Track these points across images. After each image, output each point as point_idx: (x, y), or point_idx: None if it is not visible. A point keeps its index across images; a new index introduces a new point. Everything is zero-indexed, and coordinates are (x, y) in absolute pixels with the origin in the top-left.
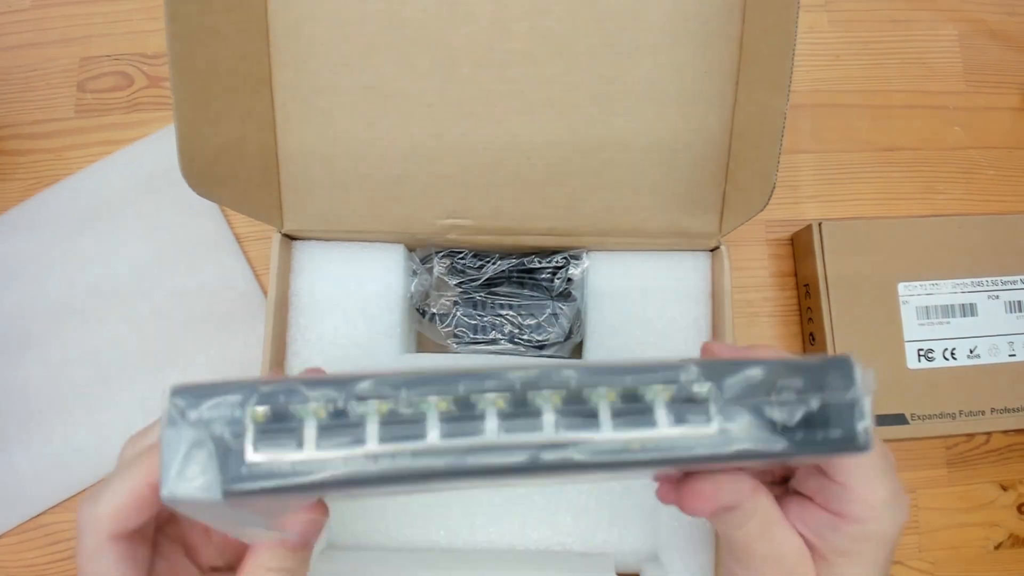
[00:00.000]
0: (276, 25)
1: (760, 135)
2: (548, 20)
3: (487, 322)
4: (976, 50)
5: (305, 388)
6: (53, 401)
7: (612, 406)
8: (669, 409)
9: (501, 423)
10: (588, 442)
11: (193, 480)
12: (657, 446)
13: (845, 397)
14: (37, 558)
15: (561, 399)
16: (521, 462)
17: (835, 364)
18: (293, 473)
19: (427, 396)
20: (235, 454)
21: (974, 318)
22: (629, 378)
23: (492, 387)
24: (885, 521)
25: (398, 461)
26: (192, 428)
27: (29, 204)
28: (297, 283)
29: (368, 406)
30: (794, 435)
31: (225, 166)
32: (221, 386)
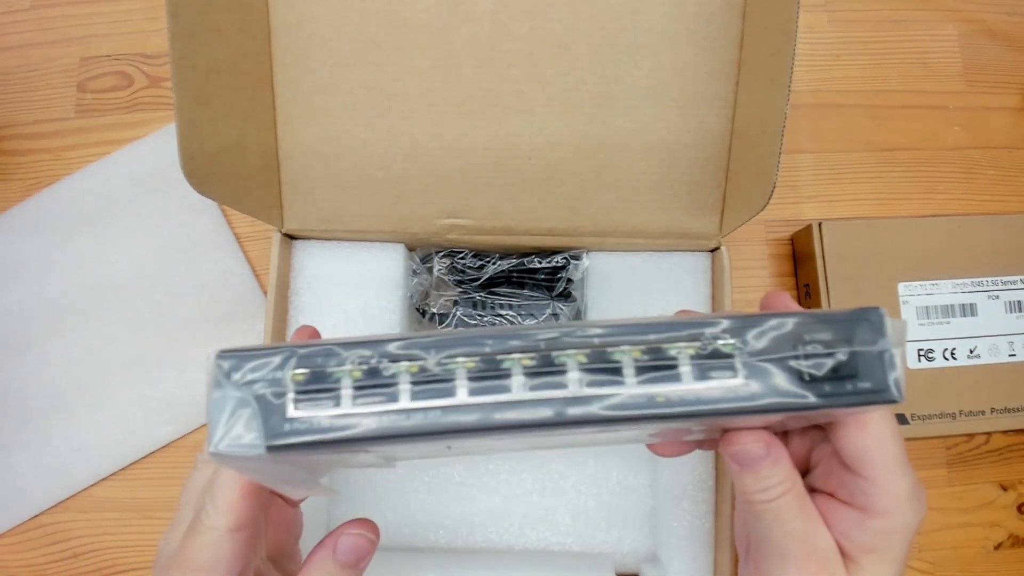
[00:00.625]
0: (277, 24)
1: (760, 135)
2: (549, 20)
3: (487, 322)
4: (976, 50)
5: (341, 349)
6: (53, 400)
7: (636, 362)
8: (694, 364)
9: (527, 380)
10: (613, 396)
11: (239, 437)
12: (683, 399)
13: (874, 347)
14: (37, 558)
15: (586, 356)
16: (547, 417)
17: (864, 315)
18: (332, 428)
19: (456, 356)
20: (277, 412)
21: (974, 318)
22: (653, 335)
23: (517, 347)
24: (908, 514)
25: (429, 417)
26: (236, 389)
27: (29, 204)
28: (297, 282)
29: (400, 366)
30: (822, 387)
31: (226, 165)
32: (263, 350)
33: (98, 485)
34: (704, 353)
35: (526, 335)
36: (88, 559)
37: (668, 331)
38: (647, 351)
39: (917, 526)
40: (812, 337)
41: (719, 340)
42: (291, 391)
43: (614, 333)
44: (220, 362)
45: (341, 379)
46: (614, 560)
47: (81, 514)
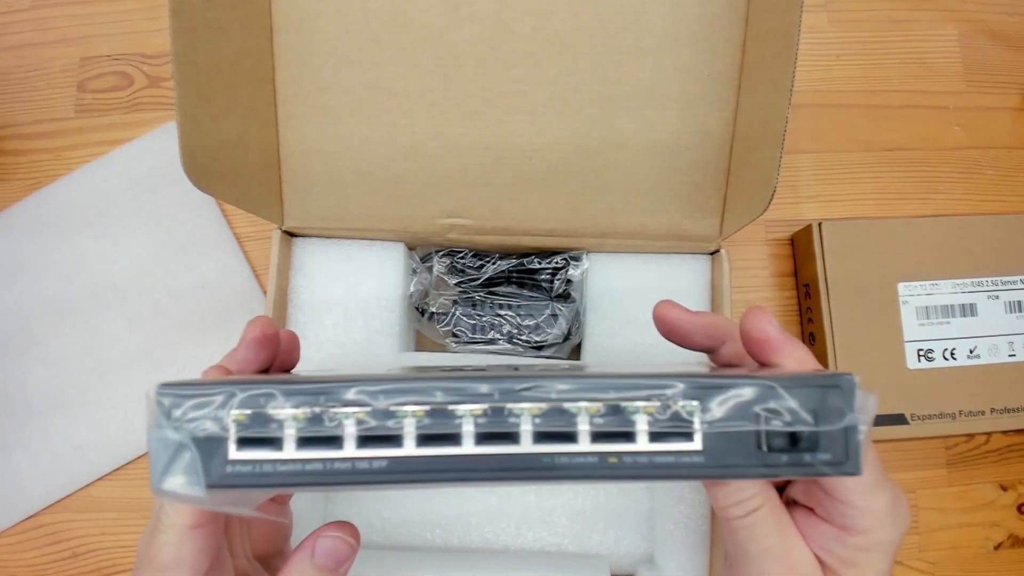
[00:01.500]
0: (279, 22)
1: (761, 138)
2: (551, 21)
3: (486, 322)
4: (976, 50)
5: (282, 394)
6: (52, 399)
7: (592, 419)
8: (651, 424)
9: (477, 433)
10: (564, 455)
11: (179, 476)
12: (635, 463)
13: (840, 423)
14: (37, 558)
15: (540, 411)
16: (494, 474)
17: (835, 382)
18: (274, 473)
19: (404, 404)
20: (218, 454)
21: (974, 318)
22: (612, 392)
23: (470, 397)
24: (889, 528)
25: (374, 465)
26: (177, 428)
27: (28, 203)
28: (296, 280)
29: (347, 411)
30: (780, 457)
31: (226, 162)
32: (205, 386)
33: (98, 485)
34: (662, 417)
35: (479, 386)
36: (88, 559)
37: (629, 389)
38: (605, 409)
39: (900, 538)
40: (777, 406)
41: (680, 403)
42: (232, 433)
43: (574, 388)
44: (161, 399)
45: (284, 422)
46: (610, 561)
47: (81, 514)
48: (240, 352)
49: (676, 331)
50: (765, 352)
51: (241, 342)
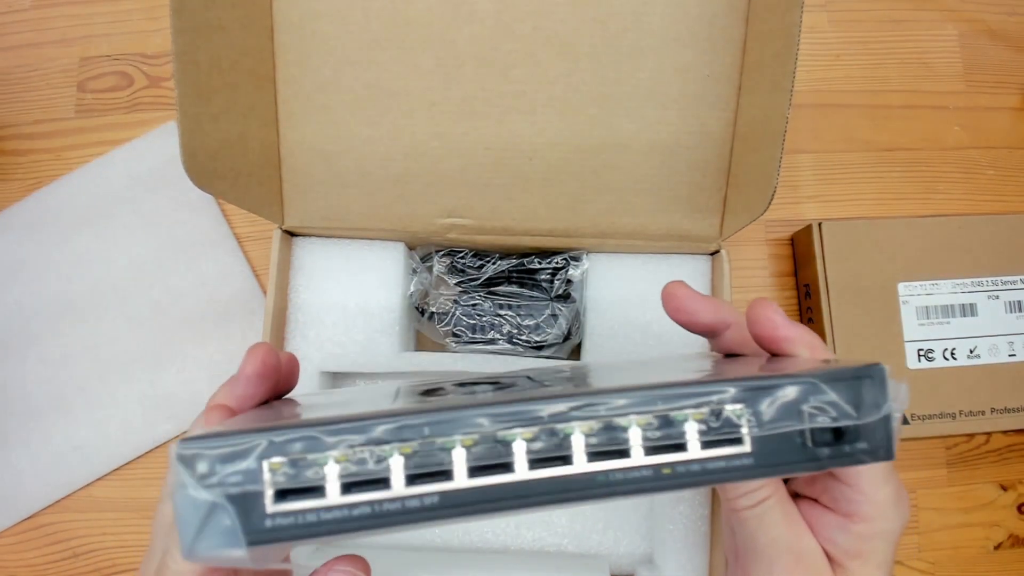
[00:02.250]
0: (280, 21)
1: (762, 139)
2: (552, 21)
3: (486, 322)
4: (976, 50)
5: (323, 435)
6: (52, 398)
7: (644, 431)
8: (702, 433)
9: (529, 457)
10: (620, 470)
11: (214, 539)
12: (688, 471)
13: (878, 413)
14: (37, 558)
15: (592, 430)
16: (551, 497)
17: (867, 372)
18: (318, 522)
19: (452, 434)
20: (256, 509)
21: (974, 318)
22: (661, 404)
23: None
24: (892, 519)
25: (426, 502)
26: (206, 489)
27: (27, 202)
28: (297, 279)
29: (391, 448)
30: (823, 451)
31: (227, 161)
32: (231, 436)
33: (98, 485)
34: (713, 423)
35: (527, 409)
36: (88, 559)
37: (677, 399)
38: (656, 421)
39: (902, 530)
40: (819, 402)
41: (728, 408)
42: (269, 485)
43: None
44: (183, 455)
45: (325, 465)
46: (610, 562)
47: (81, 514)
48: (240, 387)
49: (683, 310)
50: (775, 342)
51: (240, 376)
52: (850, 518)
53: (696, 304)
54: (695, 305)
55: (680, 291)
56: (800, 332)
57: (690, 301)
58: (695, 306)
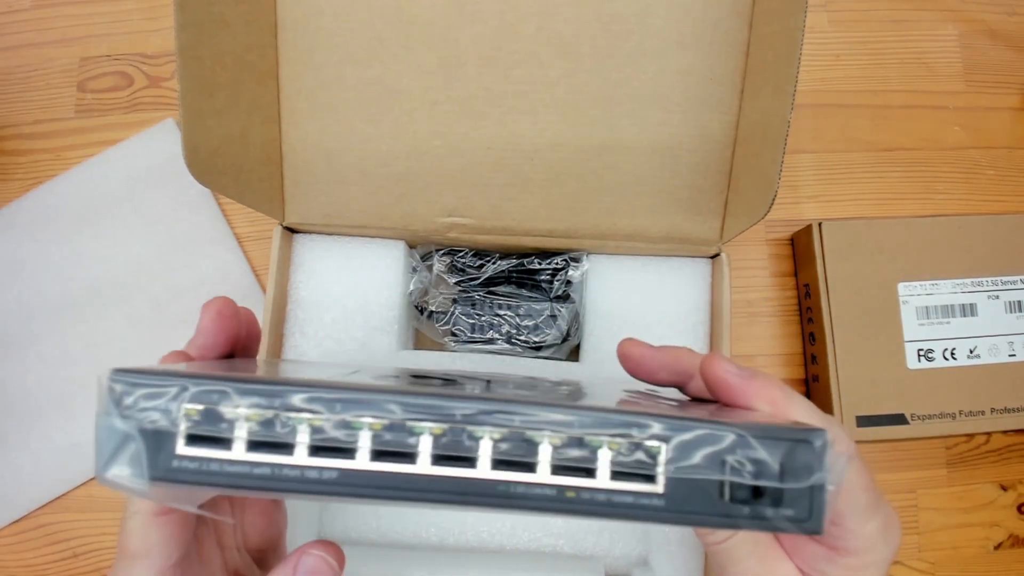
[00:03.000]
0: (284, 18)
1: (763, 142)
2: (555, 22)
3: (485, 321)
4: (976, 50)
5: (237, 392)
6: (52, 396)
7: (554, 449)
8: (613, 462)
9: (434, 452)
10: (522, 483)
11: (123, 466)
12: (592, 499)
13: (806, 481)
14: (37, 558)
15: (501, 436)
16: (446, 497)
17: (807, 437)
18: (221, 473)
19: (361, 415)
20: (166, 447)
21: (974, 318)
22: (577, 427)
23: (431, 415)
24: (881, 549)
25: (324, 475)
26: (125, 417)
27: (26, 201)
28: (296, 277)
29: (300, 417)
30: (742, 508)
31: (228, 157)
32: (157, 375)
33: (98, 485)
34: (626, 455)
35: (443, 405)
36: (88, 559)
37: (596, 426)
38: (567, 440)
39: (893, 556)
40: (744, 457)
41: (645, 443)
42: (182, 428)
43: (539, 416)
44: (112, 385)
45: (235, 422)
46: (605, 563)
47: (81, 514)
48: (198, 338)
49: (641, 368)
50: (732, 398)
51: (198, 328)
52: (836, 551)
53: (653, 363)
54: (651, 364)
55: (634, 351)
56: (758, 387)
57: (647, 361)
58: (651, 365)
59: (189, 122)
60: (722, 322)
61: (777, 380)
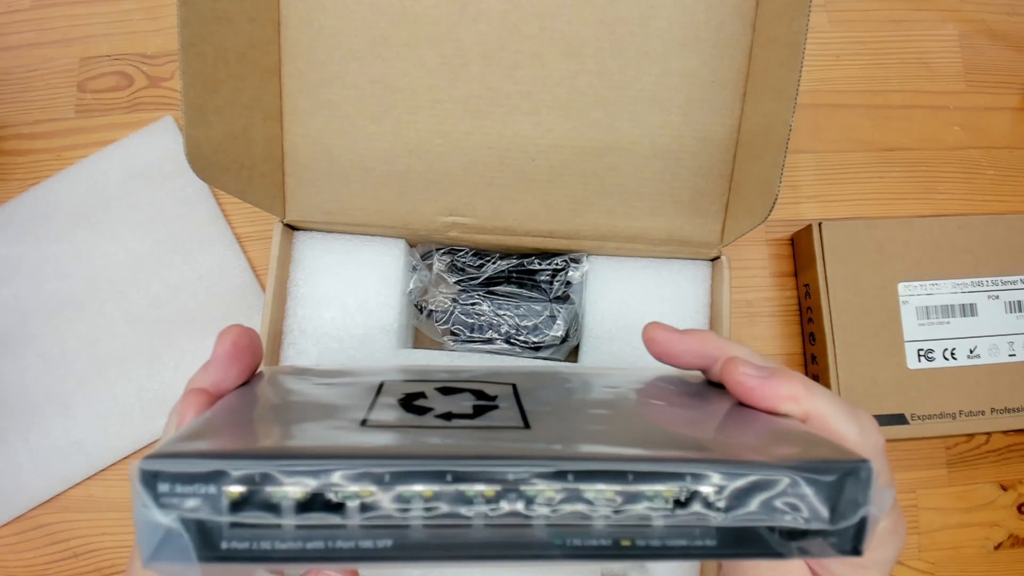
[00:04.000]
0: (287, 15)
1: (765, 145)
2: (559, 22)
3: (484, 321)
4: (976, 50)
5: (281, 473)
6: (51, 393)
7: (609, 503)
8: (667, 515)
9: (488, 515)
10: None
11: (171, 555)
12: (648, 547)
13: (854, 518)
14: (37, 558)
15: (557, 498)
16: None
17: (852, 477)
18: (272, 551)
19: (413, 485)
20: (211, 531)
21: (974, 318)
22: (632, 480)
23: (482, 477)
24: (889, 548)
25: (378, 545)
26: (164, 507)
27: (25, 198)
28: (296, 274)
29: (350, 491)
30: (790, 544)
31: (230, 153)
32: (192, 458)
33: (97, 484)
34: (680, 502)
35: (494, 467)
36: (88, 559)
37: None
38: (624, 495)
39: (898, 555)
40: (794, 494)
41: (701, 488)
42: (226, 512)
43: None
44: (145, 475)
45: (282, 502)
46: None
47: (81, 514)
48: (212, 370)
49: (666, 352)
50: (753, 401)
51: (213, 358)
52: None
53: (678, 347)
54: (677, 348)
55: (660, 335)
56: (778, 385)
57: (672, 345)
58: (676, 349)
59: (191, 118)
60: (722, 325)
61: (796, 374)
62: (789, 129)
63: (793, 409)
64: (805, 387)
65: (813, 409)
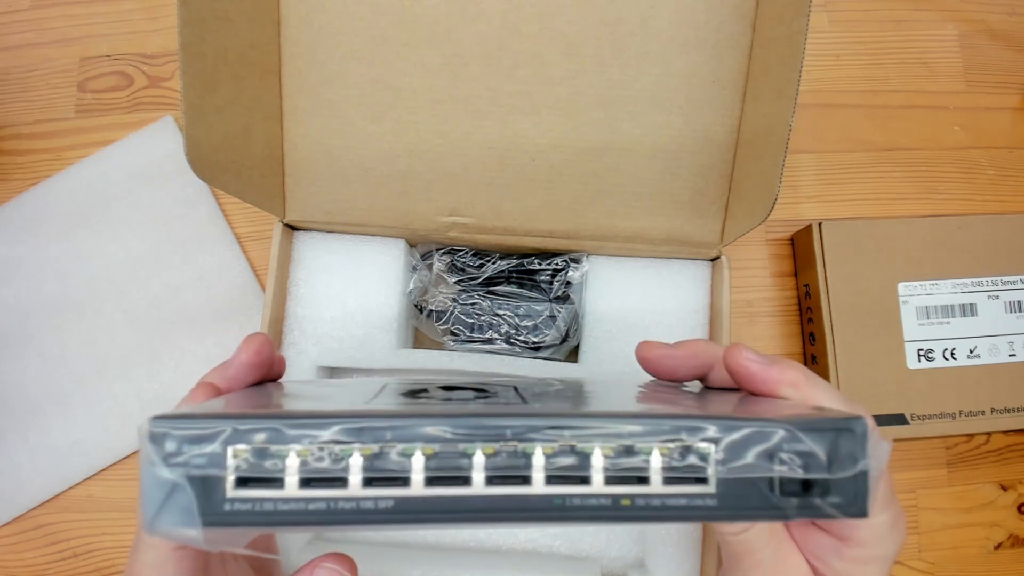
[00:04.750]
0: (287, 15)
1: (765, 146)
2: (559, 22)
3: (484, 321)
4: (976, 50)
5: (286, 429)
6: (51, 393)
7: (606, 459)
8: (665, 468)
9: (488, 472)
10: (578, 495)
11: (173, 515)
12: (648, 504)
13: (852, 469)
14: (37, 558)
15: (553, 451)
16: (504, 515)
17: (847, 425)
18: (274, 512)
19: (413, 442)
20: (216, 492)
21: (974, 318)
22: (628, 437)
23: (481, 435)
24: (888, 543)
25: (380, 505)
26: (170, 466)
27: (25, 198)
28: (296, 274)
29: (351, 448)
30: (791, 500)
31: (230, 153)
32: (201, 419)
33: (97, 484)
34: (677, 460)
35: (491, 423)
36: (88, 559)
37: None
38: (619, 450)
39: (897, 552)
40: (791, 451)
41: (698, 444)
42: (231, 471)
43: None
44: (154, 433)
45: (286, 460)
46: (601, 564)
47: (81, 514)
48: (231, 370)
49: (662, 369)
50: (755, 386)
51: (234, 360)
52: (845, 542)
53: (672, 363)
54: (670, 364)
55: (652, 353)
56: (780, 371)
57: (666, 361)
58: (670, 364)
59: (191, 118)
60: (722, 325)
61: (797, 364)
62: (789, 129)
63: (793, 395)
64: (805, 376)
65: (812, 398)
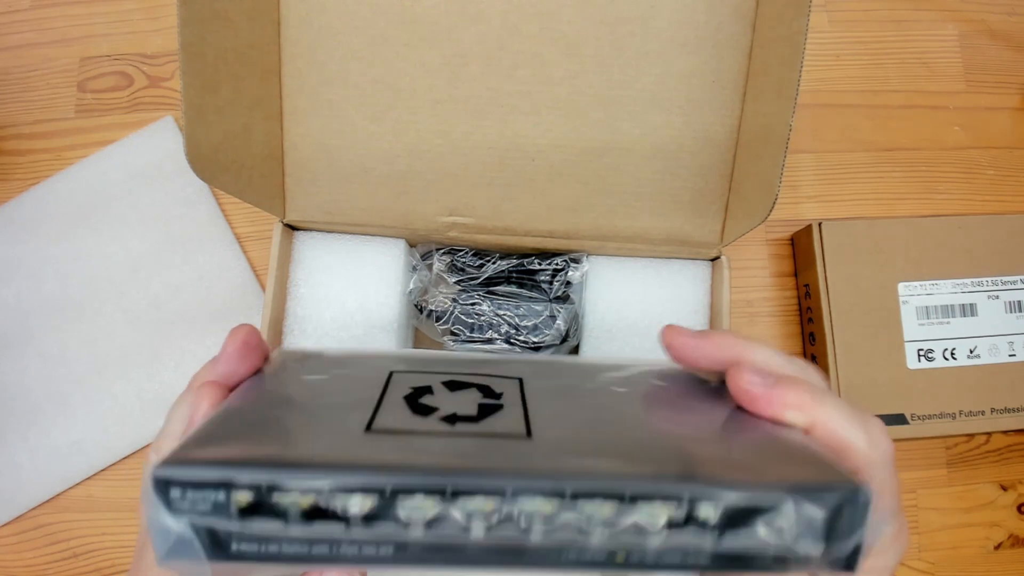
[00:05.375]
0: (287, 15)
1: (765, 146)
2: (559, 23)
3: (484, 321)
4: (976, 50)
5: (289, 479)
6: (51, 393)
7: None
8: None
9: (486, 526)
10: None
11: (183, 554)
12: (643, 560)
13: (851, 541)
14: (37, 558)
15: (552, 512)
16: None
17: (850, 501)
18: (279, 553)
19: (414, 492)
20: (221, 534)
21: (974, 318)
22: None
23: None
24: (890, 555)
25: (381, 551)
26: (175, 512)
27: (25, 198)
28: (296, 274)
29: (355, 500)
30: (785, 564)
31: (230, 153)
32: (203, 465)
33: (97, 484)
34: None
35: (492, 483)
36: (88, 559)
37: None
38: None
39: (899, 560)
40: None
41: (696, 509)
42: (235, 516)
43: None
44: (158, 481)
45: (289, 507)
46: None
47: (81, 514)
48: (221, 366)
49: (684, 358)
50: (758, 410)
51: (222, 354)
52: None
53: (695, 353)
54: (694, 354)
55: (676, 341)
56: (782, 393)
57: (688, 351)
58: (693, 355)
59: (191, 118)
60: (722, 325)
61: (804, 382)
62: (789, 129)
63: (798, 418)
64: (812, 395)
65: (820, 418)
